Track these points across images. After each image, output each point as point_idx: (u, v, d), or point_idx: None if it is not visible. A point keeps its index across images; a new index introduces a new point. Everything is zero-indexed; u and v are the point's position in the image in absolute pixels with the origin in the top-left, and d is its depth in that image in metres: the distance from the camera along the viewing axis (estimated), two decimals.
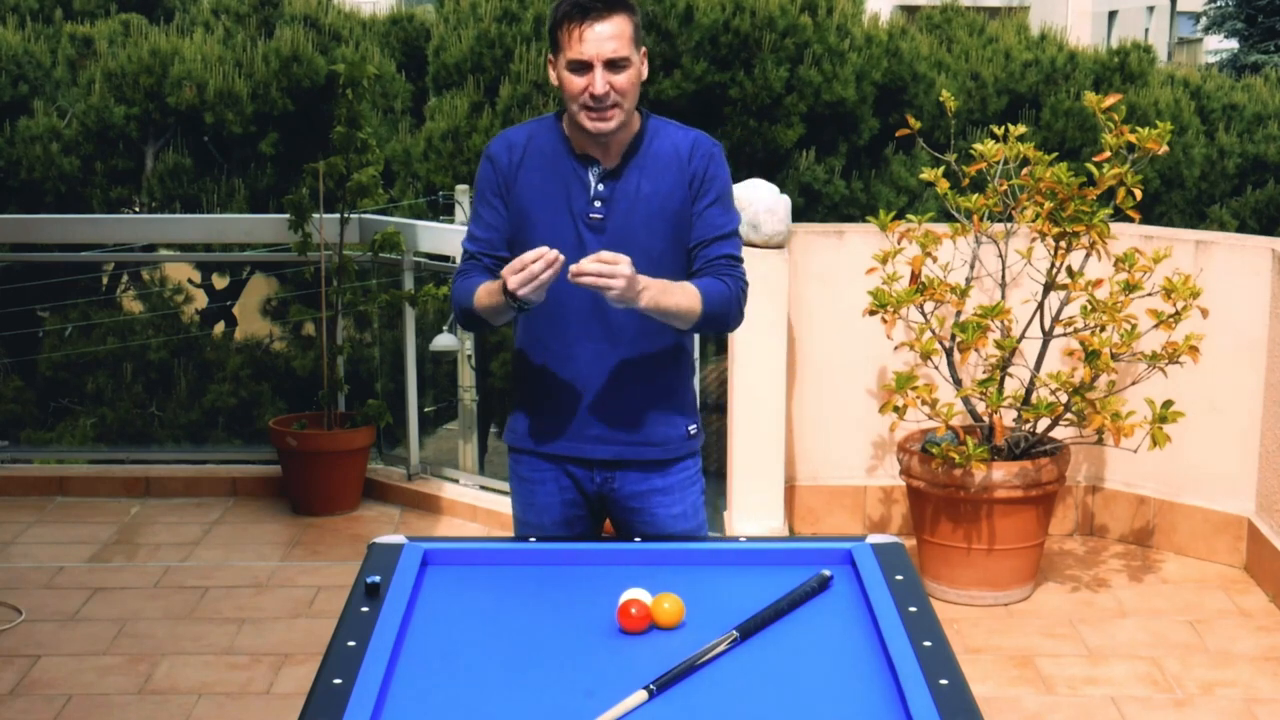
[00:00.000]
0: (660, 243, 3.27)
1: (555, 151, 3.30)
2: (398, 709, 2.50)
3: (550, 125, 3.34)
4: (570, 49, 3.18)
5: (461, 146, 10.13)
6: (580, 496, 3.42)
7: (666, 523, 3.41)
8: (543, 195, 3.29)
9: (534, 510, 3.45)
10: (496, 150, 3.34)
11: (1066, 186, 5.12)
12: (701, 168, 3.30)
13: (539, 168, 3.30)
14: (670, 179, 3.28)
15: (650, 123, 3.33)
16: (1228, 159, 11.80)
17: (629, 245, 3.19)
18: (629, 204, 3.27)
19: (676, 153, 3.30)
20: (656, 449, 3.38)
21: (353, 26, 12.62)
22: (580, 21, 3.16)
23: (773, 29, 9.91)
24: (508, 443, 3.47)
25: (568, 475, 3.40)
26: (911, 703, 2.45)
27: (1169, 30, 38.20)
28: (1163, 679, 4.79)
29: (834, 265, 5.73)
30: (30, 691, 4.69)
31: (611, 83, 3.17)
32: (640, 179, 3.27)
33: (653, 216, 3.27)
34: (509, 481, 3.53)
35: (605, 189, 3.27)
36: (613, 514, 3.45)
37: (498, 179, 3.32)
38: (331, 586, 5.48)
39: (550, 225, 3.27)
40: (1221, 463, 5.66)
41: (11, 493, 6.49)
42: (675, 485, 3.42)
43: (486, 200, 3.35)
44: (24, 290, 10.37)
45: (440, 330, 7.29)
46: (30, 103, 11.75)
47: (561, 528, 3.43)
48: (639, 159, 3.28)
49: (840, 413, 5.89)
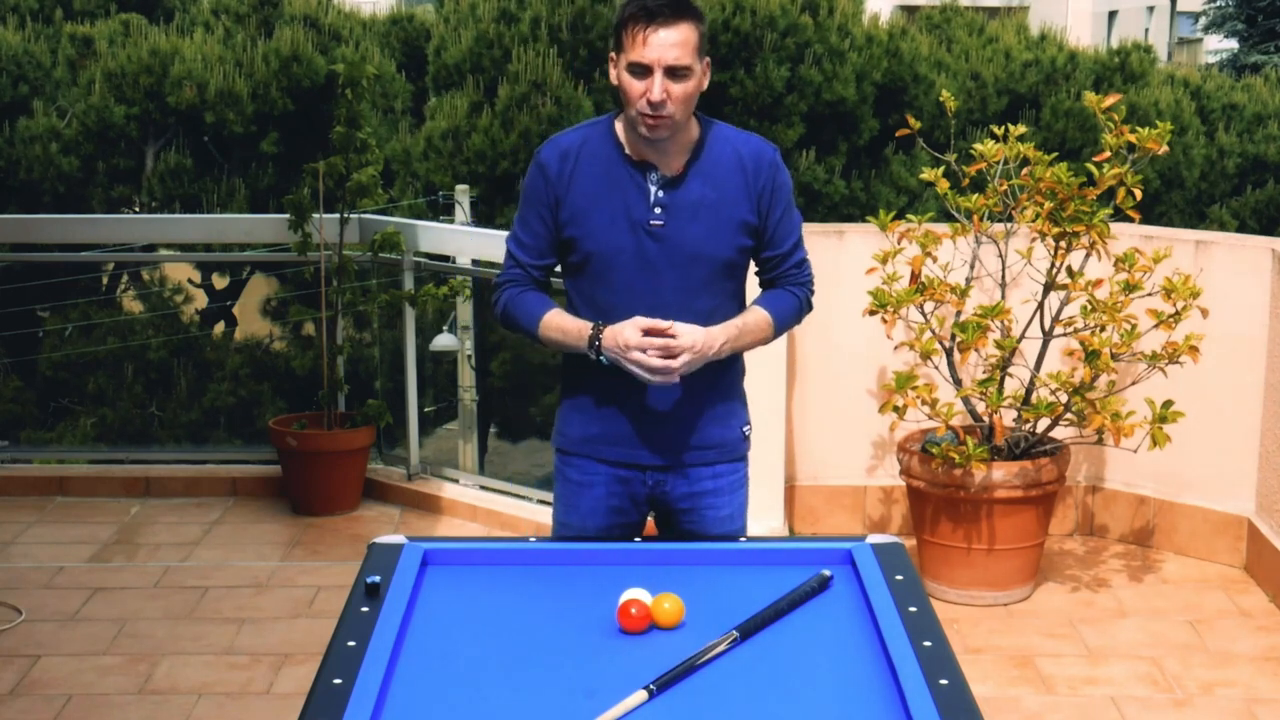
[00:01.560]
0: (724, 250, 3.24)
1: (609, 157, 3.23)
2: (398, 709, 2.50)
3: (605, 130, 3.26)
4: (633, 51, 3.11)
5: (461, 146, 10.14)
6: (628, 502, 3.38)
7: (714, 524, 3.38)
8: (599, 202, 3.22)
9: (578, 513, 3.41)
10: (548, 158, 3.26)
11: (1066, 186, 5.12)
12: (769, 181, 3.26)
13: (593, 174, 3.23)
14: (733, 187, 3.23)
15: (708, 128, 3.27)
16: (1228, 159, 11.81)
17: (689, 253, 3.18)
18: (691, 212, 3.21)
19: (739, 160, 3.24)
20: (713, 451, 3.36)
21: (353, 26, 12.63)
22: (646, 25, 3.10)
23: (773, 28, 9.92)
24: (557, 446, 3.43)
25: (619, 480, 3.36)
26: (911, 703, 2.45)
27: (1169, 30, 38.20)
28: (1163, 679, 4.79)
29: (834, 265, 5.73)
30: (30, 691, 4.69)
31: (670, 90, 3.11)
32: (702, 186, 3.22)
33: (716, 224, 3.22)
34: (554, 483, 3.47)
35: (665, 196, 3.21)
36: (660, 515, 3.43)
37: (546, 189, 3.25)
38: (331, 586, 5.48)
39: (608, 232, 3.22)
40: (1221, 463, 5.66)
41: (11, 493, 6.49)
42: (725, 487, 3.40)
43: (535, 209, 3.28)
44: (24, 290, 10.38)
45: (440, 330, 7.30)
46: (30, 103, 11.75)
47: (602, 532, 3.39)
48: (699, 165, 3.22)
49: (840, 413, 5.89)
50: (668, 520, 3.42)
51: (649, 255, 3.20)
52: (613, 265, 3.22)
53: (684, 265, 3.20)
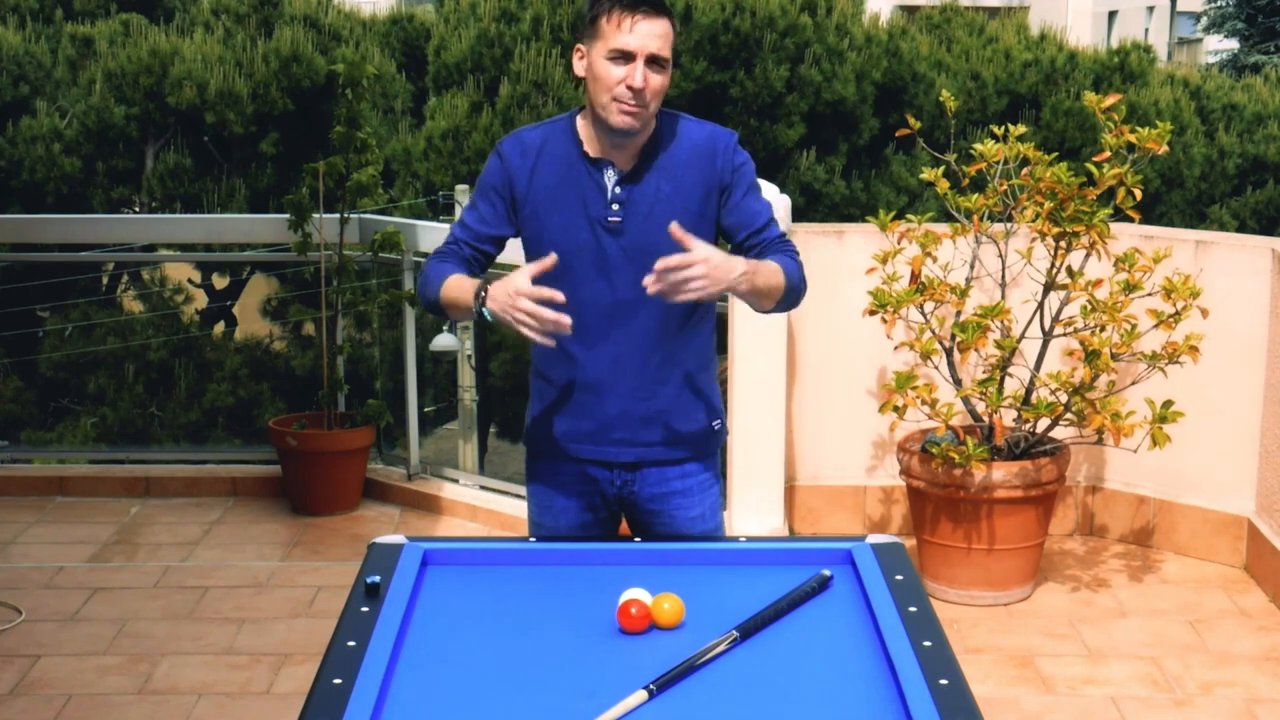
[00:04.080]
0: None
1: (569, 155, 3.23)
2: (398, 709, 2.50)
3: (564, 128, 3.26)
4: (614, 38, 3.10)
5: (461, 146, 10.15)
6: (600, 500, 3.37)
7: (685, 525, 3.36)
8: (557, 200, 3.22)
9: (551, 514, 3.40)
10: (509, 149, 3.26)
11: (1066, 186, 5.12)
12: (728, 164, 3.23)
13: (553, 172, 3.23)
14: (691, 178, 3.22)
15: (664, 121, 3.25)
16: (1228, 159, 11.80)
17: (648, 248, 3.14)
18: (648, 206, 3.20)
19: (695, 151, 3.23)
20: (681, 448, 3.34)
21: (353, 26, 12.63)
22: (631, 11, 3.09)
23: (773, 28, 9.92)
24: (527, 445, 3.41)
25: (589, 479, 3.35)
26: (911, 703, 2.45)
27: (1169, 30, 38.21)
28: (1163, 679, 4.79)
29: (834, 265, 5.73)
30: (30, 691, 4.69)
31: (649, 80, 3.10)
32: (660, 180, 3.21)
33: (674, 218, 3.17)
34: (525, 484, 3.47)
35: (623, 192, 3.20)
36: (631, 517, 3.41)
37: (503, 177, 3.25)
38: (331, 586, 5.48)
39: (566, 230, 3.20)
40: (1221, 463, 5.66)
41: (11, 493, 6.49)
42: (695, 487, 3.37)
43: (486, 194, 3.28)
44: (24, 290, 10.39)
45: (440, 330, 7.29)
46: (31, 103, 11.76)
47: (577, 531, 3.37)
48: (657, 160, 3.21)
49: (840, 413, 5.89)
50: (638, 523, 3.40)
51: (608, 251, 3.19)
52: (572, 262, 3.19)
53: (643, 260, 3.12)
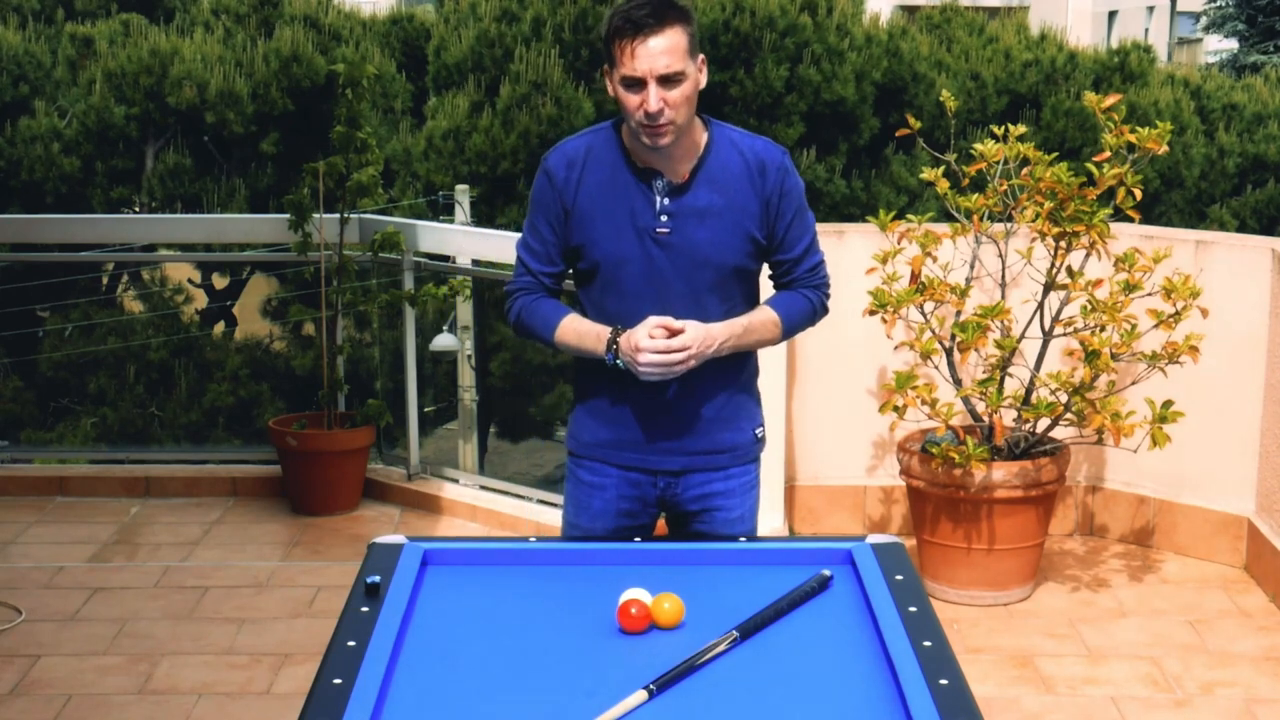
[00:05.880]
0: (731, 256, 3.22)
1: (615, 164, 3.21)
2: (398, 709, 2.50)
3: (608, 136, 3.24)
4: (623, 65, 3.08)
5: (462, 146, 10.15)
6: (639, 505, 3.38)
7: (724, 526, 3.38)
8: (605, 210, 3.21)
9: (588, 515, 3.40)
10: (554, 164, 3.25)
11: (1066, 186, 5.12)
12: (777, 185, 3.23)
13: (599, 181, 3.21)
14: (741, 193, 3.21)
15: (715, 131, 3.24)
16: (1227, 159, 11.81)
17: (697, 260, 3.17)
18: (697, 219, 3.19)
19: (745, 165, 3.21)
20: (725, 455, 3.36)
21: (353, 26, 12.64)
22: (632, 37, 3.06)
23: (773, 28, 9.93)
24: (569, 448, 3.42)
25: (630, 483, 3.36)
26: (911, 703, 2.45)
27: (1169, 30, 38.20)
28: (1163, 679, 4.79)
29: (834, 265, 5.69)
30: (30, 691, 4.69)
31: (665, 99, 3.07)
32: (709, 193, 3.20)
33: (723, 231, 3.20)
34: (565, 484, 3.47)
35: (672, 203, 3.19)
36: (671, 516, 3.43)
37: (553, 197, 3.24)
38: (331, 586, 5.48)
39: (614, 240, 3.20)
40: (1221, 463, 5.66)
41: (11, 493, 6.49)
42: (736, 489, 3.40)
43: (543, 215, 3.28)
44: (24, 290, 10.39)
45: (440, 330, 7.30)
46: (31, 103, 11.77)
47: (611, 534, 3.38)
48: (706, 171, 3.20)
49: (840, 413, 5.89)
50: (678, 522, 3.42)
51: (656, 263, 3.19)
52: (620, 273, 3.21)
53: (691, 272, 3.19)
